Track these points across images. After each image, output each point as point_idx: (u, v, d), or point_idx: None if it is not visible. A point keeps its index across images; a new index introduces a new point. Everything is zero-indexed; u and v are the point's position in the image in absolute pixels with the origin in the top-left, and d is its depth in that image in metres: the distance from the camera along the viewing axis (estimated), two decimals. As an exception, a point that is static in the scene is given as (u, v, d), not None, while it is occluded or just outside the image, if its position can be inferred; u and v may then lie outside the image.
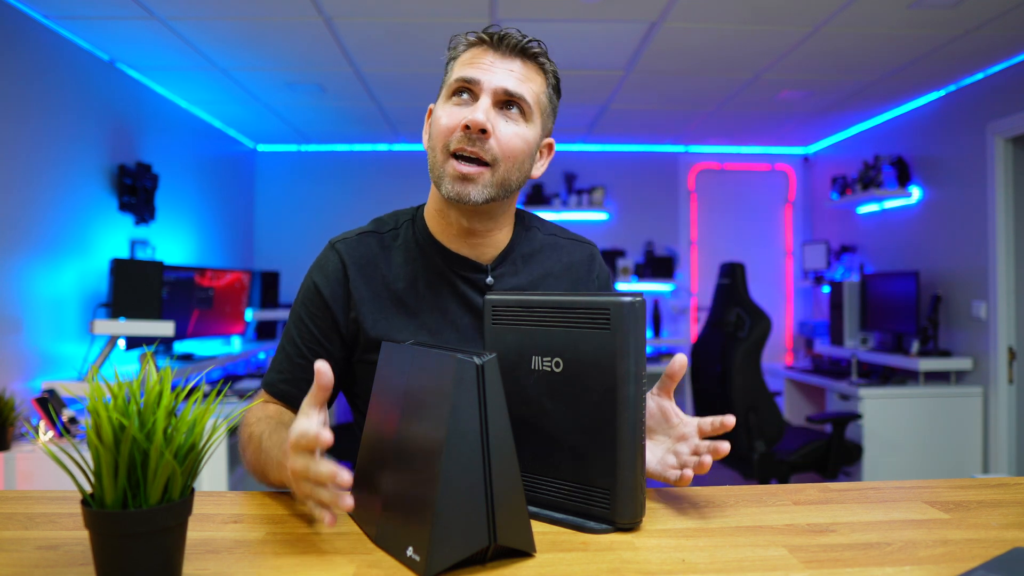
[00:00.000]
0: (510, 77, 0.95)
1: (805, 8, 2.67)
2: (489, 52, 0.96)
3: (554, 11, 2.72)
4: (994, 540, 0.73)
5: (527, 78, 0.97)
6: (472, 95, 0.96)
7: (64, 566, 0.65)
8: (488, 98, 0.94)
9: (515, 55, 0.97)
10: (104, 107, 3.16)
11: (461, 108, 0.95)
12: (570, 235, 1.15)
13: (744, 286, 3.39)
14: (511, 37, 0.96)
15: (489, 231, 1.03)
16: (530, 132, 0.98)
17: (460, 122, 0.94)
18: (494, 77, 0.94)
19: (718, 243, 5.27)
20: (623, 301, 0.74)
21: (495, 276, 1.04)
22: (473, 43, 0.98)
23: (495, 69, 0.95)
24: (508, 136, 0.95)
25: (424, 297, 1.02)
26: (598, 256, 1.15)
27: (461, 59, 0.98)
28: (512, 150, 0.96)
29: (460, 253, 1.03)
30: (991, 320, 3.40)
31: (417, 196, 1.16)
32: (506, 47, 0.96)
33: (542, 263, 1.08)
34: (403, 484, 0.69)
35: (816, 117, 4.32)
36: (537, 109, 0.98)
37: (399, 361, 0.77)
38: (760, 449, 3.18)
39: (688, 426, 0.86)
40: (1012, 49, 3.13)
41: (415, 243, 1.04)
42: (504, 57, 0.96)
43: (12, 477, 2.34)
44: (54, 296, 2.78)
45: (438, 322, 1.01)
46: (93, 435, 0.56)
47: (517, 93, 0.95)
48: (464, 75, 0.95)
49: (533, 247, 1.09)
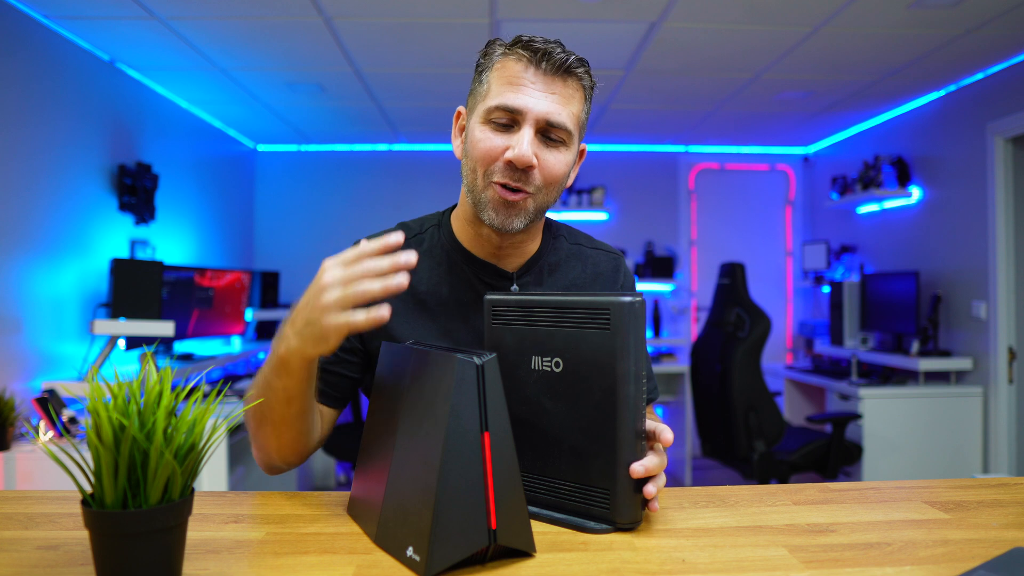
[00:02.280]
0: (553, 104, 0.91)
1: (805, 8, 2.67)
2: (530, 70, 0.91)
3: (554, 11, 2.72)
4: (994, 540, 0.73)
5: (569, 100, 0.93)
6: (513, 123, 0.92)
7: (64, 566, 0.65)
8: (531, 129, 0.91)
9: (557, 75, 0.92)
10: (104, 107, 3.16)
11: (501, 136, 0.92)
12: (596, 244, 1.13)
13: (744, 286, 3.39)
14: (554, 56, 0.91)
15: (520, 243, 1.03)
16: (570, 155, 0.96)
17: (502, 152, 0.91)
18: (537, 104, 0.90)
19: (718, 243, 5.27)
20: (623, 301, 0.74)
21: (520, 284, 1.03)
22: (508, 54, 0.93)
23: (537, 94, 0.91)
24: (551, 164, 0.93)
25: (447, 303, 1.01)
26: (624, 266, 1.13)
27: (498, 72, 0.93)
28: (553, 177, 0.94)
29: (486, 260, 1.02)
30: (991, 320, 3.40)
31: (417, 196, 1.16)
32: (549, 66, 0.91)
33: (567, 273, 1.07)
34: (403, 484, 0.69)
35: (816, 117, 4.32)
36: (575, 131, 0.95)
37: (399, 361, 0.77)
38: (760, 449, 3.18)
39: None
40: (1012, 49, 3.13)
41: (441, 249, 1.04)
42: (546, 77, 0.91)
43: (12, 477, 2.34)
44: (54, 296, 2.78)
45: (460, 328, 1.01)
46: (93, 435, 0.56)
47: (559, 123, 0.92)
48: (505, 103, 0.91)
49: (559, 256, 1.08)
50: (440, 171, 5.07)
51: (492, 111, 0.92)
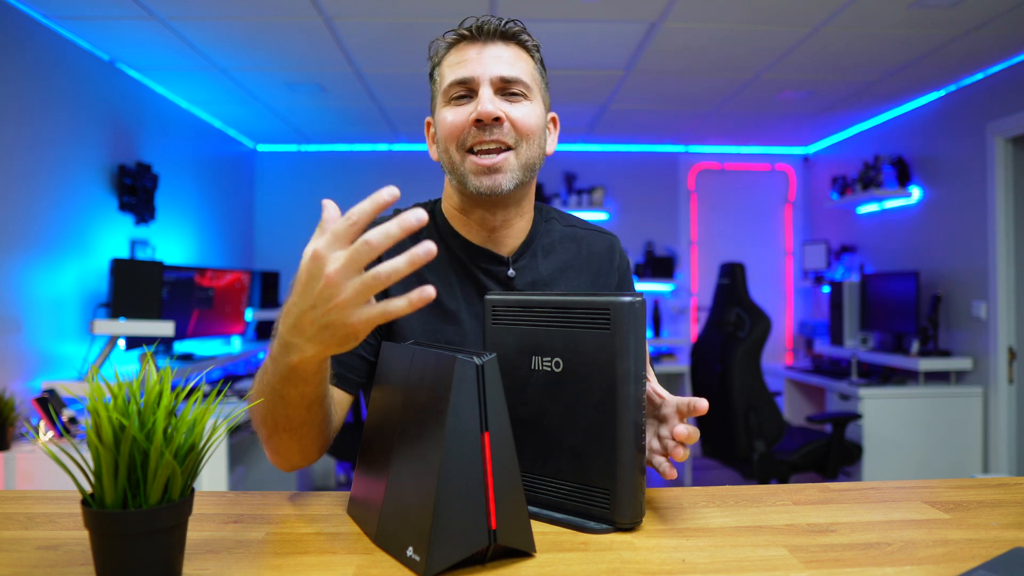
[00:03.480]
0: (500, 63, 0.95)
1: (805, 8, 2.67)
2: (472, 45, 0.96)
3: (554, 11, 2.72)
4: (994, 540, 0.73)
5: (517, 59, 0.97)
6: (471, 92, 0.95)
7: (64, 566, 0.65)
8: (488, 88, 0.94)
9: (497, 40, 0.96)
10: (104, 107, 3.16)
11: (464, 106, 0.95)
12: (589, 226, 1.14)
13: (744, 286, 3.39)
14: (489, 24, 0.96)
15: (512, 220, 1.03)
16: (537, 108, 0.99)
17: (468, 117, 0.94)
18: (487, 68, 0.94)
19: (718, 243, 5.27)
20: (623, 301, 0.74)
21: (516, 268, 1.04)
22: (453, 43, 0.98)
23: (484, 60, 0.95)
24: (520, 116, 0.96)
25: (449, 289, 1.02)
26: (618, 246, 1.14)
27: (447, 62, 0.98)
28: (528, 128, 0.96)
29: (481, 246, 1.03)
30: (991, 320, 3.40)
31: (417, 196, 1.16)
32: (487, 35, 0.96)
33: (562, 255, 1.08)
34: (403, 484, 0.69)
35: (816, 117, 4.32)
36: (535, 86, 0.99)
37: (399, 361, 0.76)
38: (760, 449, 3.18)
39: (668, 407, 0.82)
40: (1012, 49, 3.13)
41: (436, 235, 1.05)
42: (488, 45, 0.96)
43: (12, 477, 2.34)
44: (54, 296, 2.78)
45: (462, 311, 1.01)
46: (93, 435, 0.56)
47: (513, 77, 0.95)
48: (456, 77, 0.95)
49: (553, 238, 1.09)
50: (440, 171, 5.02)
51: (448, 89, 0.96)
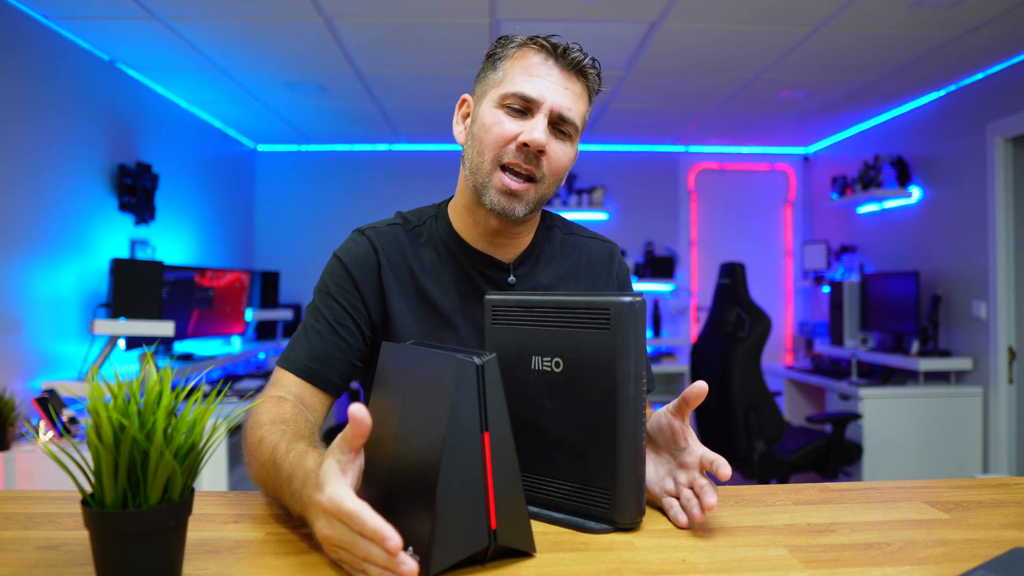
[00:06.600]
0: (566, 97, 0.94)
1: (805, 8, 2.67)
2: (548, 63, 0.94)
3: (554, 11, 2.72)
4: (994, 540, 0.73)
5: (579, 99, 0.97)
6: (527, 111, 0.94)
7: (64, 566, 0.65)
8: (545, 118, 0.93)
9: (572, 72, 0.95)
10: (104, 107, 3.16)
11: (515, 121, 0.94)
12: (590, 233, 1.15)
13: (744, 286, 3.39)
14: (572, 53, 0.94)
15: (517, 234, 1.04)
16: (572, 152, 0.99)
17: (516, 137, 0.93)
18: (554, 95, 0.94)
19: (718, 243, 5.27)
20: (623, 301, 0.74)
21: (517, 275, 1.04)
22: (528, 45, 0.96)
23: (554, 87, 0.94)
24: (558, 156, 0.96)
25: (447, 293, 1.02)
26: (618, 254, 1.15)
27: (516, 61, 0.96)
28: (559, 169, 0.97)
29: (483, 251, 1.03)
30: (991, 320, 3.40)
31: (417, 196, 1.16)
32: (566, 62, 0.95)
33: (562, 262, 1.09)
34: (403, 484, 0.69)
35: (816, 117, 4.32)
36: (581, 128, 0.99)
37: (399, 361, 0.76)
38: (760, 449, 3.18)
39: (692, 455, 0.80)
40: (1012, 49, 3.13)
41: (439, 240, 1.05)
42: (562, 72, 0.95)
43: (12, 477, 2.34)
44: (54, 296, 2.78)
45: (458, 318, 1.02)
46: (93, 435, 0.56)
47: (570, 118, 0.95)
48: (523, 91, 0.93)
49: (554, 246, 1.09)
50: (440, 171, 5.07)
51: (507, 97, 0.94)
